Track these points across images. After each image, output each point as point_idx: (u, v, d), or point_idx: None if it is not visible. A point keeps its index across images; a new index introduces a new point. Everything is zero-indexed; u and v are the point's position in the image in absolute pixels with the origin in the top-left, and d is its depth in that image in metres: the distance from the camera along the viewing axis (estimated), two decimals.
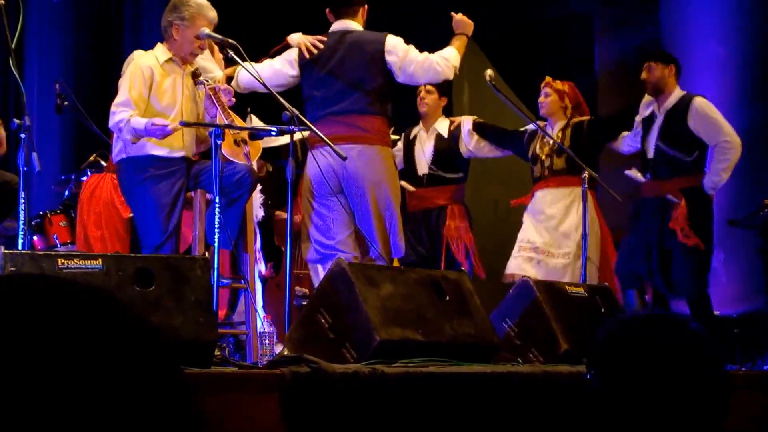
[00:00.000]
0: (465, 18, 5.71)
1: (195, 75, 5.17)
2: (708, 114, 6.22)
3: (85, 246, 5.81)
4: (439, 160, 6.78)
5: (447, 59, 5.49)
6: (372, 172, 5.40)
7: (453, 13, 5.75)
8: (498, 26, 8.77)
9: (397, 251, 5.52)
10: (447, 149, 6.81)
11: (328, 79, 5.48)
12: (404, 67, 5.46)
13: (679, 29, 8.28)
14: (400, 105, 5.84)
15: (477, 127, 6.86)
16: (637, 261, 6.30)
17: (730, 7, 8.10)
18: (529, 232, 6.60)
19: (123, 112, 4.91)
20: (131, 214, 5.71)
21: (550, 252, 6.48)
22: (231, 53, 4.96)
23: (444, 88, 6.84)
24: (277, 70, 5.59)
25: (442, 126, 6.89)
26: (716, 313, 6.81)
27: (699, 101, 6.25)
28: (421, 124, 6.95)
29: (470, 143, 6.81)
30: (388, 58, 5.48)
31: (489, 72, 6.00)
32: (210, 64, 5.48)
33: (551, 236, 6.50)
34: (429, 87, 6.76)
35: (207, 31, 5.05)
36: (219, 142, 4.64)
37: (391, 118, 5.64)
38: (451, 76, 5.55)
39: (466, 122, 6.91)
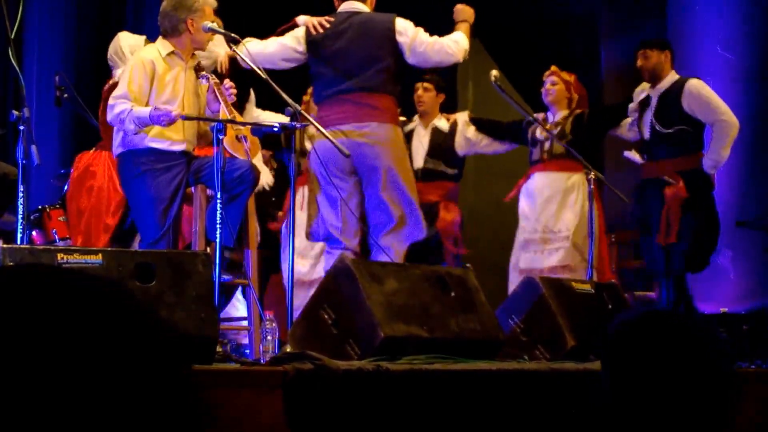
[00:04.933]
0: (466, 6, 5.69)
1: (198, 69, 5.15)
2: (702, 94, 6.22)
3: (75, 225, 5.74)
4: (436, 153, 6.76)
5: (457, 42, 5.50)
6: (384, 150, 5.37)
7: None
8: (503, 27, 8.74)
9: (421, 232, 5.45)
10: (444, 144, 6.80)
11: (337, 57, 5.46)
12: (414, 48, 5.45)
13: (685, 32, 8.23)
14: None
15: (473, 121, 6.87)
16: (653, 248, 6.28)
17: (736, 12, 8.04)
18: (530, 219, 6.59)
19: (123, 104, 4.88)
20: None
21: (551, 238, 6.46)
22: (234, 48, 4.94)
23: (441, 85, 6.80)
24: (284, 45, 5.58)
25: (441, 122, 6.88)
26: (724, 309, 6.79)
27: (693, 83, 6.27)
28: (417, 120, 6.91)
29: (468, 132, 6.80)
30: (399, 38, 5.47)
31: (494, 72, 5.98)
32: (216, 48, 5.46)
33: (548, 221, 6.48)
34: (426, 84, 6.76)
35: (210, 24, 5.03)
36: (221, 137, 4.60)
37: (400, 99, 5.62)
38: (461, 59, 5.55)
39: (461, 117, 6.92)
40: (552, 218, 6.50)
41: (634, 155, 6.44)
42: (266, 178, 6.25)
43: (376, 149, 5.34)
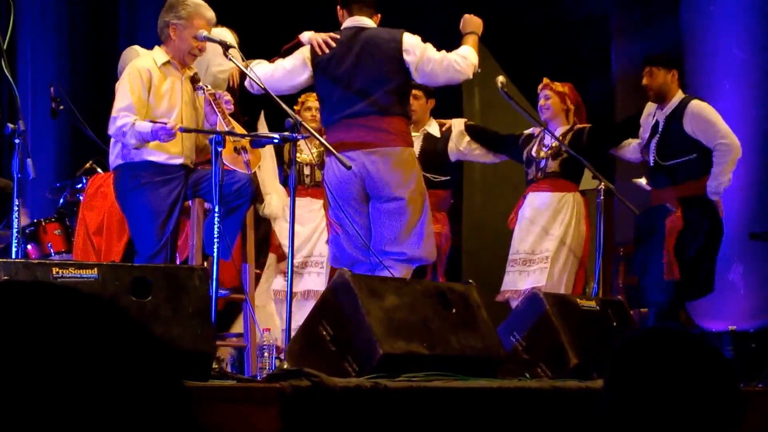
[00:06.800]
0: (474, 17, 5.58)
1: (194, 80, 5.08)
2: (703, 116, 6.08)
3: (86, 244, 5.70)
4: (427, 162, 6.58)
5: (466, 57, 5.36)
6: (397, 175, 5.27)
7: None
8: (512, 28, 8.64)
9: (428, 257, 5.38)
10: (435, 151, 6.66)
11: (345, 79, 5.34)
12: (422, 67, 5.33)
13: (699, 32, 8.08)
14: None
15: (469, 129, 6.73)
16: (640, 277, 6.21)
17: (753, 11, 7.91)
18: (516, 240, 6.48)
19: (126, 117, 4.81)
20: None
21: (532, 259, 6.35)
22: (229, 56, 4.86)
23: (431, 90, 6.66)
24: (289, 70, 5.44)
25: (433, 128, 6.76)
26: (733, 328, 6.69)
27: (695, 104, 6.13)
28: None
29: (461, 144, 6.67)
30: (406, 57, 5.34)
31: (500, 78, 5.90)
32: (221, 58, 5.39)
33: (534, 240, 6.36)
34: (416, 92, 6.52)
35: (205, 33, 4.95)
36: (219, 149, 4.55)
37: (410, 118, 5.53)
38: (470, 75, 5.41)
39: (458, 124, 6.78)
40: (536, 238, 6.37)
41: (642, 183, 6.31)
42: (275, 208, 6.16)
43: (387, 175, 5.25)
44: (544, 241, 6.32)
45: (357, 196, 5.27)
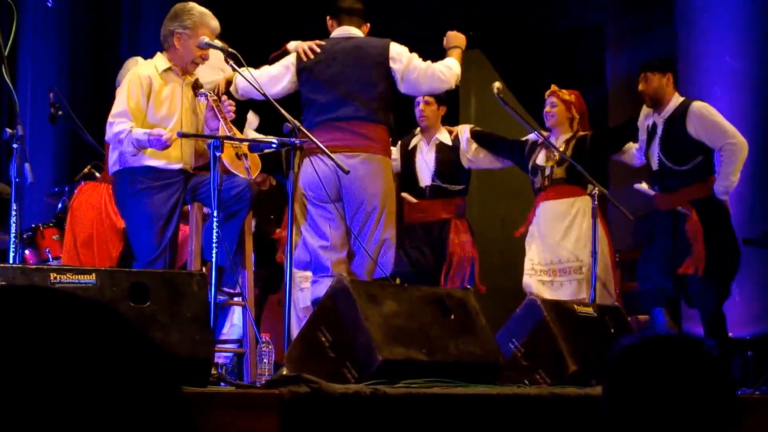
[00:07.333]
0: (458, 33, 5.62)
1: (196, 86, 5.07)
2: (707, 117, 6.05)
3: (72, 255, 5.68)
4: (443, 172, 6.63)
5: (450, 68, 5.40)
6: (373, 183, 5.29)
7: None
8: (508, 37, 8.66)
9: (387, 268, 5.37)
10: (450, 160, 6.68)
11: (330, 84, 5.37)
12: (407, 75, 5.37)
13: (693, 41, 8.09)
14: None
15: (475, 135, 6.73)
16: (659, 277, 6.16)
17: (745, 21, 7.92)
18: (535, 250, 6.46)
19: (122, 123, 4.80)
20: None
21: (560, 270, 6.33)
22: (231, 62, 4.87)
23: (442, 97, 6.68)
24: (274, 75, 5.47)
25: (444, 136, 6.76)
26: (729, 334, 6.68)
27: (697, 105, 6.10)
28: (420, 135, 6.82)
29: (469, 151, 6.68)
30: (392, 65, 5.38)
31: (497, 84, 5.89)
32: (210, 71, 5.39)
33: (556, 253, 6.35)
34: (428, 98, 6.60)
35: (206, 40, 4.95)
36: (218, 154, 4.54)
37: (393, 129, 5.53)
38: (454, 85, 5.46)
39: (464, 130, 6.79)
40: (557, 247, 6.36)
41: (644, 187, 6.28)
42: None
43: (363, 181, 5.25)
44: (566, 249, 6.32)
45: (332, 196, 5.27)
